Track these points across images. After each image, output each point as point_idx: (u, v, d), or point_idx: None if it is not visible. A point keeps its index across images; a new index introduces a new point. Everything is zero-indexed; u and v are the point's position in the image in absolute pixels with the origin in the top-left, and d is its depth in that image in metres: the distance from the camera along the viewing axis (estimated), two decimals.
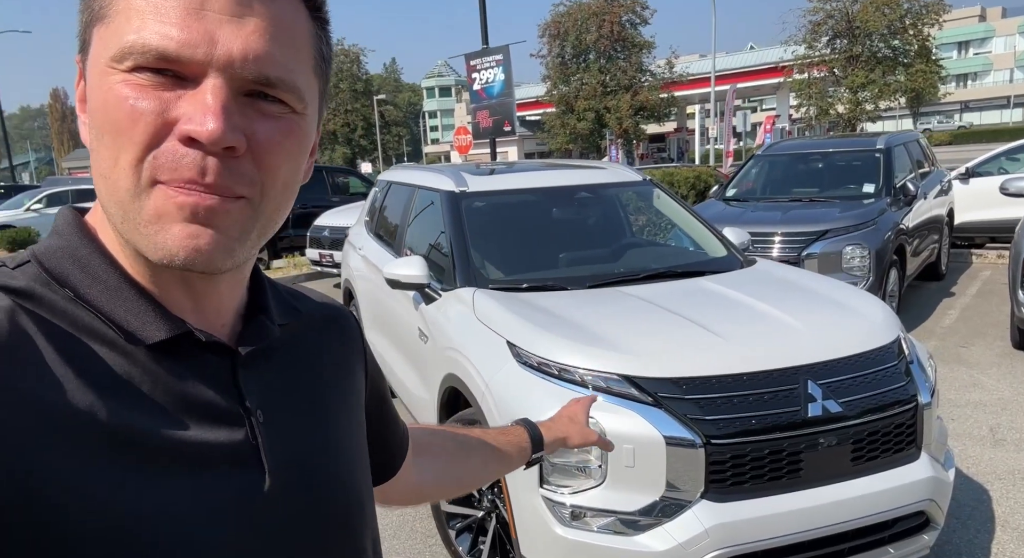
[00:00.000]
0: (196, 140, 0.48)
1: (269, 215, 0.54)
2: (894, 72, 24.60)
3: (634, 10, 28.98)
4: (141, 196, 0.49)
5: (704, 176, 10.67)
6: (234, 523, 0.52)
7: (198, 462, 0.51)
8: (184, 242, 0.49)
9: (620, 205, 3.85)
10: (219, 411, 0.54)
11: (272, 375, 0.60)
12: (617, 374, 2.18)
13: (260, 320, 0.61)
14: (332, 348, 0.70)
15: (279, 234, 10.25)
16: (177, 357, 0.53)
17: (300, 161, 0.56)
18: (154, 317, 0.52)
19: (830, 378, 2.22)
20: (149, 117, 0.48)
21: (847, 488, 2.15)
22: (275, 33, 0.51)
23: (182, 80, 0.49)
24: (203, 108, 0.48)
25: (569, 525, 2.12)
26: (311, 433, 0.61)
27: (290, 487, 0.57)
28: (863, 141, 6.87)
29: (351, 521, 0.64)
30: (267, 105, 0.51)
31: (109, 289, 0.52)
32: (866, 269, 5.27)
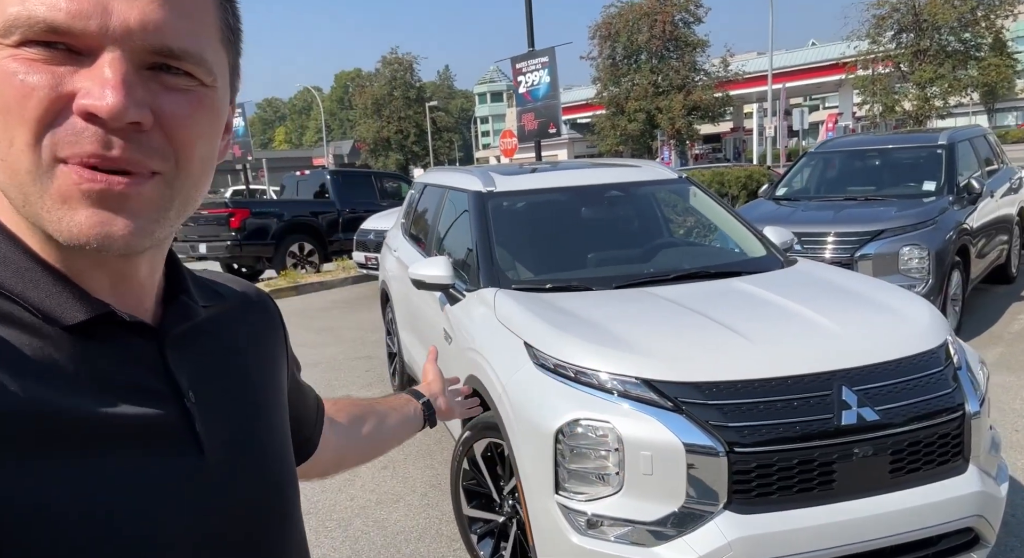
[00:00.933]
0: (96, 116, 0.45)
1: (187, 192, 0.52)
2: (965, 66, 23.36)
3: (687, 8, 28.45)
4: (43, 178, 0.46)
5: (756, 175, 10.36)
6: (175, 502, 0.51)
7: (132, 443, 0.49)
8: (94, 229, 0.47)
9: (656, 204, 3.74)
10: (150, 392, 0.52)
11: (200, 357, 0.59)
12: (636, 377, 2.10)
13: (182, 300, 0.59)
14: (256, 331, 0.69)
15: (329, 237, 10.56)
16: (100, 340, 0.51)
17: (215, 137, 0.54)
18: (71, 298, 0.50)
19: (867, 384, 2.07)
20: (42, 92, 0.45)
21: (885, 502, 2.00)
22: (175, 2, 0.48)
23: (76, 54, 0.46)
24: (101, 82, 0.45)
25: (585, 533, 2.05)
26: (243, 413, 0.61)
27: (228, 465, 0.56)
28: (924, 137, 6.51)
29: (287, 496, 0.64)
30: (172, 78, 0.49)
31: (18, 271, 0.49)
32: (925, 271, 4.98)
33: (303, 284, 9.25)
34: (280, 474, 0.64)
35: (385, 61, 43.61)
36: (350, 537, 3.01)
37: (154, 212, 0.50)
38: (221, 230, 9.60)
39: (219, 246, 9.66)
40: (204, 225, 9.81)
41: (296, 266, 10.13)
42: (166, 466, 0.51)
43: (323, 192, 11.17)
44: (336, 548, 2.95)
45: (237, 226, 9.54)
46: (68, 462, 0.46)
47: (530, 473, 2.19)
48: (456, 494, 2.73)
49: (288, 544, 0.64)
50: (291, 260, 10.17)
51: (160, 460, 0.51)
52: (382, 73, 43.65)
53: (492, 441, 2.55)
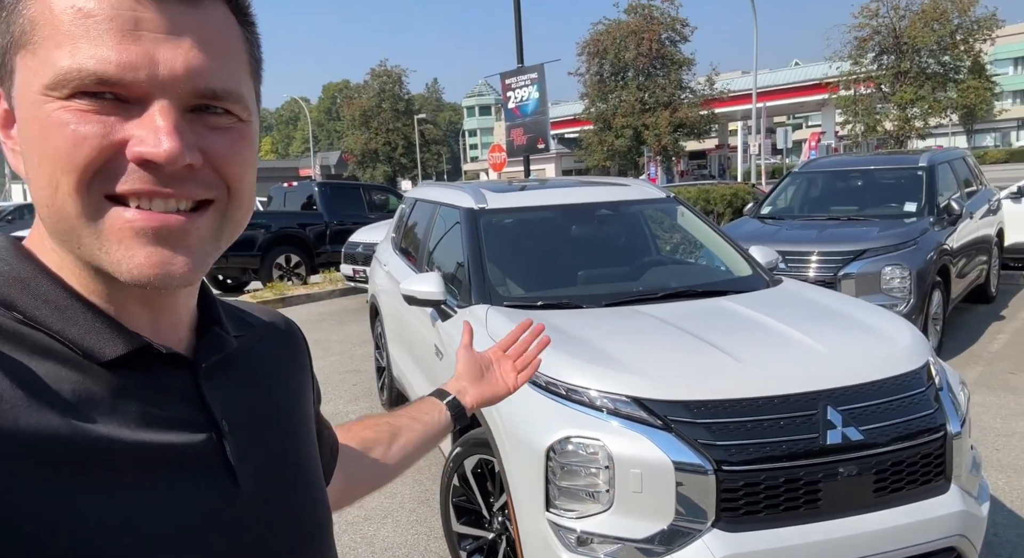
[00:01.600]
0: (152, 162, 0.47)
1: (237, 220, 0.55)
2: (944, 88, 23.88)
3: (674, 27, 28.86)
4: (95, 219, 0.48)
5: (741, 193, 10.49)
6: (209, 531, 0.52)
7: (169, 472, 0.51)
8: (155, 269, 0.49)
9: (644, 222, 3.79)
10: (185, 422, 0.54)
11: (233, 387, 0.60)
12: (626, 395, 2.13)
13: (215, 332, 0.61)
14: (285, 361, 0.70)
15: (316, 249, 10.53)
16: (137, 372, 0.52)
17: (255, 166, 0.56)
18: (110, 333, 0.51)
19: (851, 404, 2.12)
20: (95, 140, 0.47)
21: (869, 521, 2.04)
22: (211, 46, 0.50)
23: (124, 103, 0.48)
24: (155, 129, 0.47)
25: (575, 551, 2.06)
26: (275, 442, 0.62)
27: (261, 495, 0.57)
28: (905, 158, 6.66)
29: (319, 525, 0.64)
30: (214, 118, 0.51)
31: (59, 309, 0.51)
32: (906, 290, 5.07)
33: (290, 296, 9.20)
34: (313, 502, 0.64)
35: (374, 73, 43.74)
36: (338, 553, 3.00)
37: (209, 245, 0.52)
38: None
39: None
40: None
41: (283, 278, 10.08)
42: (201, 494, 0.53)
43: (311, 204, 11.16)
44: None
45: None
46: (106, 488, 0.47)
47: (521, 490, 2.20)
48: (446, 510, 2.73)
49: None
50: (278, 272, 10.12)
51: (195, 488, 0.52)
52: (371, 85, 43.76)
53: (483, 457, 2.56)
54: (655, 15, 28.65)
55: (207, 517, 0.52)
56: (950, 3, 22.59)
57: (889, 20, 23.89)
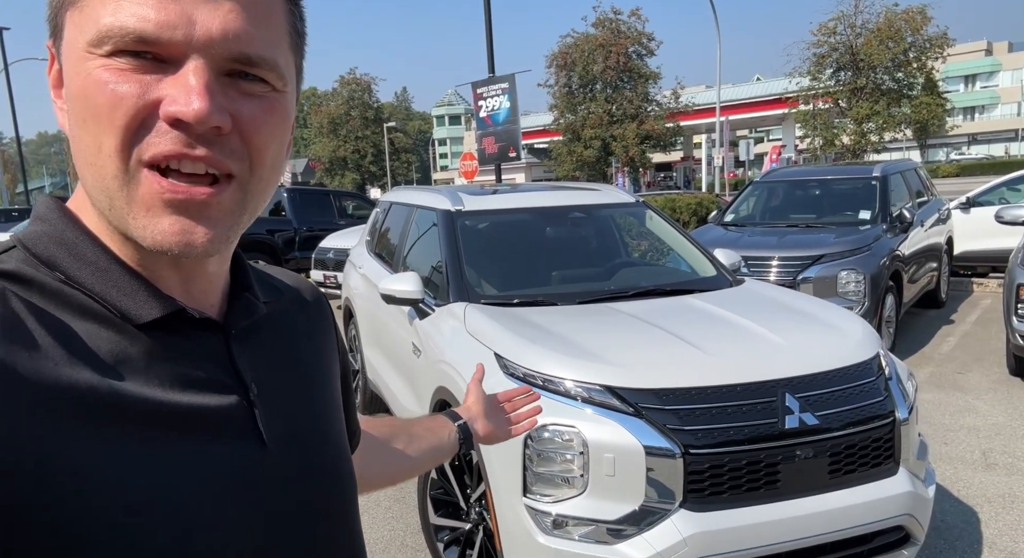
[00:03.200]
0: (182, 121, 0.48)
1: (258, 194, 0.55)
2: (899, 104, 24.79)
3: (640, 42, 29.44)
4: (130, 183, 0.49)
5: (706, 202, 10.78)
6: (238, 492, 0.53)
7: (201, 433, 0.52)
8: (176, 237, 0.50)
9: (615, 226, 3.93)
10: (216, 385, 0.55)
11: (262, 351, 0.62)
12: (599, 385, 2.24)
13: (246, 297, 0.62)
14: (311, 326, 0.72)
15: (285, 256, 10.45)
16: (171, 335, 0.54)
17: (285, 139, 0.56)
18: (146, 296, 0.53)
19: (808, 392, 2.26)
20: (130, 100, 0.48)
21: (825, 500, 2.18)
22: (253, 11, 0.51)
23: (162, 62, 0.49)
24: (187, 89, 0.48)
25: (551, 533, 2.16)
26: (302, 406, 0.63)
27: (289, 457, 0.58)
28: (860, 169, 6.96)
29: (345, 489, 0.66)
30: (248, 85, 0.52)
31: (99, 270, 0.52)
32: (861, 294, 5.31)
33: None
34: (339, 466, 0.65)
35: (343, 81, 43.55)
36: None
37: (231, 218, 0.53)
38: None
39: None
40: None
41: None
42: (231, 456, 0.54)
43: (279, 210, 11.10)
44: None
45: None
46: (140, 446, 0.48)
47: (499, 477, 2.29)
48: (423, 503, 2.80)
49: (347, 533, 0.66)
50: None
51: (225, 450, 0.53)
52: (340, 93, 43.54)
53: None
54: (622, 29, 29.19)
55: (236, 478, 0.53)
56: (904, 22, 23.51)
57: (846, 38, 24.76)
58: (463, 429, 1.06)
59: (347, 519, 0.66)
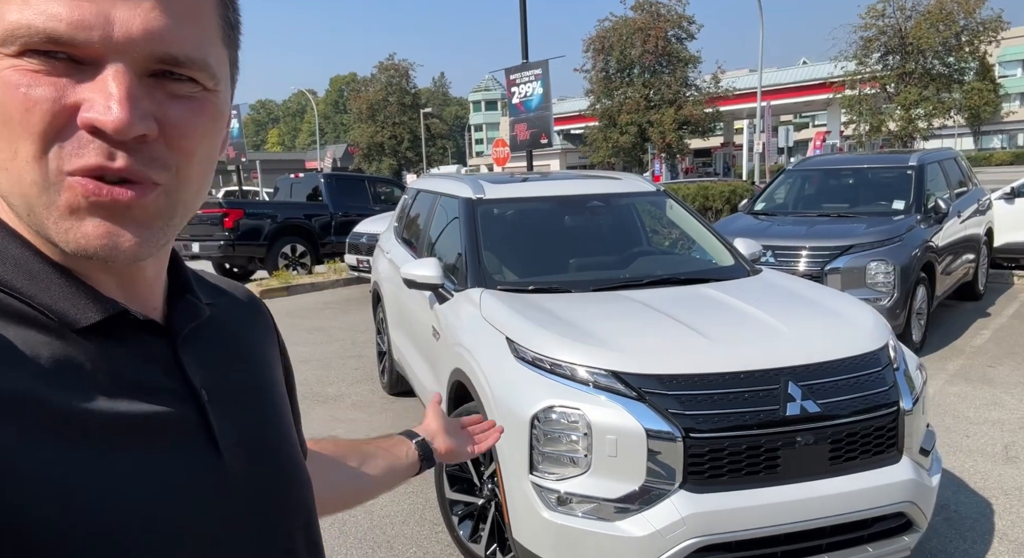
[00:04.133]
0: (101, 130, 0.45)
1: (189, 199, 0.52)
2: (949, 89, 23.91)
3: (680, 25, 28.95)
4: (50, 189, 0.46)
5: (740, 190, 10.65)
6: (192, 501, 0.51)
7: (151, 442, 0.50)
8: (101, 240, 0.47)
9: (635, 214, 3.98)
10: (164, 390, 0.52)
11: (209, 355, 0.59)
12: (604, 369, 2.32)
13: (189, 299, 0.59)
14: (254, 331, 0.69)
15: (321, 240, 10.74)
16: (113, 340, 0.51)
17: (216, 139, 0.53)
18: (84, 299, 0.50)
19: (811, 380, 2.31)
20: (45, 105, 0.44)
21: (824, 485, 2.23)
22: (177, 7, 0.47)
23: (78, 63, 0.45)
24: (106, 96, 0.44)
25: (555, 509, 2.26)
26: (253, 410, 0.61)
27: (244, 463, 0.56)
28: (896, 158, 6.82)
29: (302, 492, 0.64)
30: (176, 85, 0.48)
31: (31, 274, 0.49)
32: (890, 285, 5.24)
33: (295, 285, 9.42)
34: (295, 470, 0.64)
35: (382, 67, 43.89)
36: (338, 519, 3.21)
37: (158, 221, 0.50)
38: (215, 230, 9.76)
39: (212, 245, 9.81)
40: (198, 224, 9.95)
41: (288, 267, 10.29)
42: (184, 464, 0.51)
43: (316, 195, 11.36)
44: (325, 530, 3.10)
45: (231, 226, 9.70)
46: (86, 457, 0.46)
47: (508, 456, 2.40)
48: (439, 479, 2.93)
49: (306, 540, 0.64)
50: (283, 261, 10.33)
51: (178, 458, 0.51)
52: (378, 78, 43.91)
53: None
54: (662, 12, 28.72)
55: (190, 487, 0.51)
56: (956, 5, 22.59)
57: (895, 21, 23.92)
58: (422, 446, 1.02)
59: (307, 526, 0.64)
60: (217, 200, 10.74)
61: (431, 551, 3.01)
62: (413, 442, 1.01)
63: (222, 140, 0.56)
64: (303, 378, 5.41)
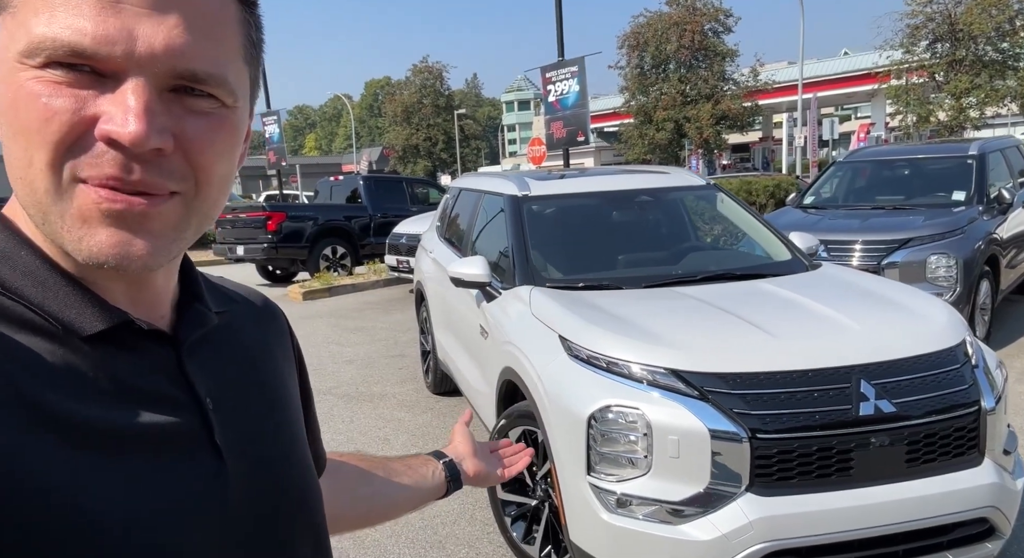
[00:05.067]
0: (118, 142, 0.45)
1: (205, 211, 0.52)
2: (1003, 76, 22.97)
3: (717, 19, 28.44)
4: (63, 197, 0.46)
5: (784, 184, 10.39)
6: (197, 509, 0.51)
7: (154, 450, 0.49)
8: (114, 250, 0.47)
9: (684, 209, 3.88)
10: (169, 400, 0.52)
11: (217, 364, 0.59)
12: (664, 367, 2.24)
13: (197, 308, 0.59)
14: (267, 339, 0.69)
15: (361, 241, 10.84)
16: (119, 348, 0.51)
17: (234, 155, 0.54)
18: (90, 307, 0.50)
19: (885, 378, 2.19)
20: (65, 116, 0.45)
21: (901, 489, 2.12)
22: (200, 25, 0.48)
23: (100, 76, 0.46)
24: (124, 109, 0.45)
25: (615, 512, 2.19)
26: (261, 419, 0.61)
27: (249, 472, 0.56)
28: (954, 147, 6.54)
29: (309, 501, 0.63)
30: (195, 101, 0.49)
31: (39, 282, 0.49)
32: (953, 280, 5.02)
33: (336, 286, 9.52)
34: (302, 480, 0.63)
35: (416, 69, 44.25)
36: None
37: (172, 232, 0.50)
38: (258, 233, 9.93)
39: (256, 248, 9.98)
40: (241, 228, 10.14)
41: (328, 268, 10.41)
42: (187, 474, 0.51)
43: (355, 197, 11.47)
44: (378, 528, 3.13)
45: (274, 229, 9.85)
46: (87, 466, 0.45)
47: (564, 456, 2.34)
48: None
49: (313, 550, 0.63)
50: (324, 263, 10.45)
51: (181, 468, 0.51)
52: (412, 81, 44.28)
53: (526, 429, 2.71)
54: (698, 6, 28.27)
55: (193, 497, 0.51)
56: None
57: (944, 7, 23.07)
58: (450, 467, 0.99)
59: (315, 537, 0.63)
60: (260, 204, 10.92)
61: (483, 552, 2.97)
62: (441, 463, 1.00)
63: (240, 155, 0.56)
64: (348, 378, 5.44)
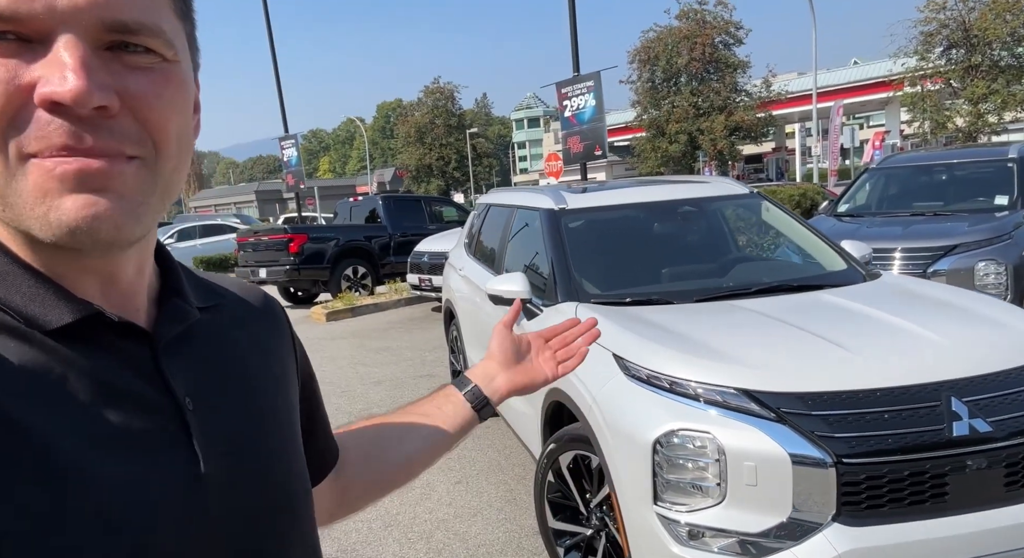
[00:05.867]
0: (60, 104, 0.42)
1: (168, 175, 0.49)
2: (1020, 81, 22.72)
3: (728, 31, 28.43)
4: (15, 177, 0.44)
5: (810, 193, 10.21)
6: (172, 511, 0.48)
7: (125, 452, 0.47)
8: (80, 212, 0.44)
9: (728, 219, 3.73)
10: (143, 399, 0.49)
11: (198, 361, 0.56)
12: (735, 388, 2.09)
13: (175, 303, 0.56)
14: (260, 334, 0.65)
15: (381, 261, 10.77)
16: (90, 344, 0.48)
17: (187, 113, 0.51)
18: (55, 300, 0.47)
19: (977, 395, 2.02)
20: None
21: (1001, 515, 1.94)
22: None
23: (28, 42, 0.43)
24: (60, 66, 0.42)
25: (687, 544, 2.03)
26: (245, 419, 0.57)
27: (229, 475, 0.53)
28: (993, 150, 6.35)
29: (294, 505, 0.60)
30: (134, 57, 0.46)
31: (1, 276, 0.47)
32: (1003, 287, 4.82)
33: (359, 306, 9.43)
34: (287, 483, 0.60)
35: (427, 91, 44.60)
36: (433, 549, 3.03)
37: (138, 195, 0.47)
38: (280, 255, 9.88)
39: (278, 270, 9.93)
40: (263, 251, 10.11)
41: (350, 289, 10.34)
42: (160, 478, 0.48)
43: (374, 217, 11.43)
44: (419, 556, 2.98)
45: (296, 251, 9.80)
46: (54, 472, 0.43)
47: (626, 484, 2.18)
48: (541, 507, 2.73)
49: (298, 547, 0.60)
50: (345, 283, 10.39)
51: (154, 472, 0.48)
52: (424, 102, 44.62)
53: (579, 453, 2.55)
54: (708, 19, 28.28)
55: (168, 502, 0.48)
56: None
57: (958, 12, 22.94)
58: (474, 395, 0.90)
59: (297, 535, 0.60)
60: (282, 226, 10.90)
61: None
62: (462, 393, 0.91)
63: (194, 119, 0.53)
64: (378, 399, 5.30)
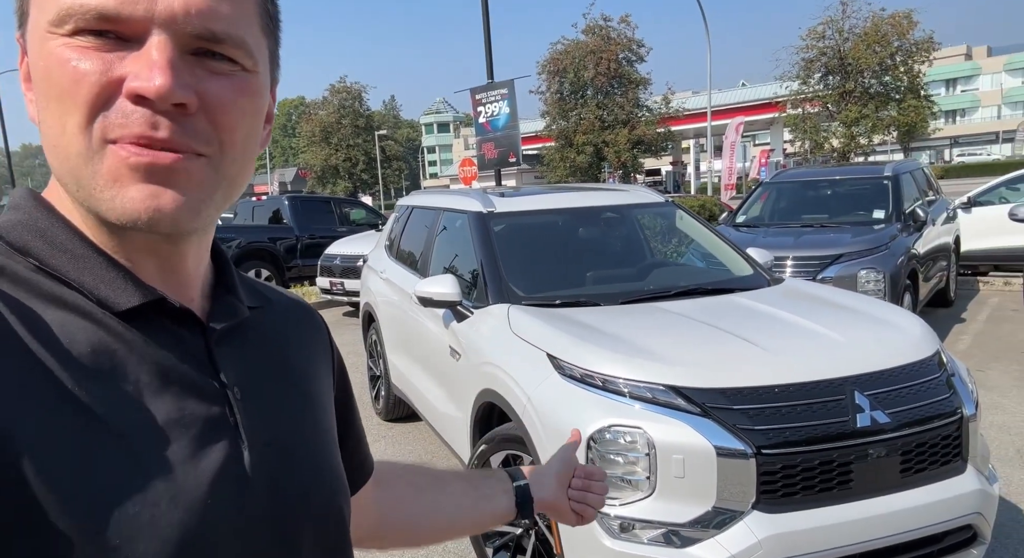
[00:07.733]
0: (144, 97, 0.47)
1: (232, 177, 0.53)
2: (887, 107, 25.08)
3: (630, 48, 29.60)
4: (94, 159, 0.48)
5: (708, 205, 10.81)
6: (218, 496, 0.50)
7: (178, 435, 0.49)
8: (144, 203, 0.48)
9: (646, 226, 3.89)
10: (195, 383, 0.52)
11: (245, 355, 0.58)
12: (663, 384, 2.18)
13: (229, 299, 0.60)
14: (302, 339, 0.68)
15: (288, 263, 10.35)
16: (150, 327, 0.51)
17: (257, 121, 0.54)
18: (124, 283, 0.51)
19: (876, 389, 2.22)
20: (93, 77, 0.46)
21: (897, 500, 2.13)
22: None
23: (125, 41, 0.47)
24: (149, 64, 0.47)
25: (618, 537, 2.10)
26: (289, 415, 0.60)
27: (271, 465, 0.55)
28: (871, 169, 6.99)
29: (333, 499, 0.62)
30: (216, 63, 0.50)
31: (75, 257, 0.50)
32: (881, 293, 5.30)
33: None
34: (327, 476, 0.62)
35: (334, 89, 43.41)
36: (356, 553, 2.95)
37: (201, 191, 0.50)
38: None
39: None
40: None
41: None
42: (208, 462, 0.50)
43: (278, 218, 10.99)
44: None
45: None
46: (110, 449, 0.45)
47: None
48: None
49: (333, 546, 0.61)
50: None
51: (204, 455, 0.50)
52: (330, 101, 43.39)
53: (511, 453, 2.58)
54: (612, 36, 29.34)
55: (213, 486, 0.50)
56: (890, 27, 23.83)
57: (835, 42, 25.02)
58: (521, 491, 0.90)
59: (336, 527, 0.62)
60: None
61: None
62: (513, 485, 0.92)
63: (264, 129, 0.57)
64: None
